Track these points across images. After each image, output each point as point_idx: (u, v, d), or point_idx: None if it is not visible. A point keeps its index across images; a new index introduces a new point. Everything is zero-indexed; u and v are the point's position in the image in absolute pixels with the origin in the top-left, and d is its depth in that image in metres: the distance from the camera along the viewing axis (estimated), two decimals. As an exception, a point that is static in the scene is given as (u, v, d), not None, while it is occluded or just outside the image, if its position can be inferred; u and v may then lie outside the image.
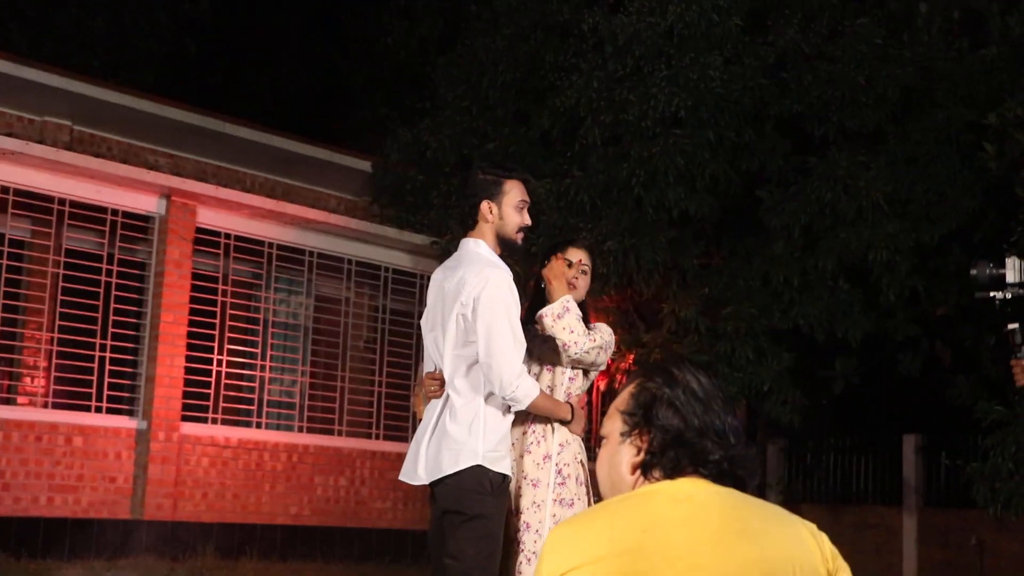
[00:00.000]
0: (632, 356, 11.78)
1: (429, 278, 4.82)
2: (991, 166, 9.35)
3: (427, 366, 4.59)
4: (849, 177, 10.30)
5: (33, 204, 10.59)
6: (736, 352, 10.84)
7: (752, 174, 10.91)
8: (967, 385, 11.20)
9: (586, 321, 4.84)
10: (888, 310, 11.09)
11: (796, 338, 11.27)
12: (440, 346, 4.50)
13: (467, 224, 4.60)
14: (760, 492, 12.95)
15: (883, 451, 14.65)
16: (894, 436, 14.65)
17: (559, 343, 4.70)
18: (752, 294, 10.85)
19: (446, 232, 12.08)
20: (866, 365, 11.85)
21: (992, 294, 4.79)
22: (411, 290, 13.09)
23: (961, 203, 10.33)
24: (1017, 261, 4.81)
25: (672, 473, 2.07)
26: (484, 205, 4.51)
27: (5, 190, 10.33)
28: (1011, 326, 4.84)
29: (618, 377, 12.11)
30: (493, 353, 4.29)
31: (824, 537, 2.04)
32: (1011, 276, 4.76)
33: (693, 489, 2.04)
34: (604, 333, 4.81)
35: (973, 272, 4.82)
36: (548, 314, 4.72)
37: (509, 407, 4.40)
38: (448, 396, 4.45)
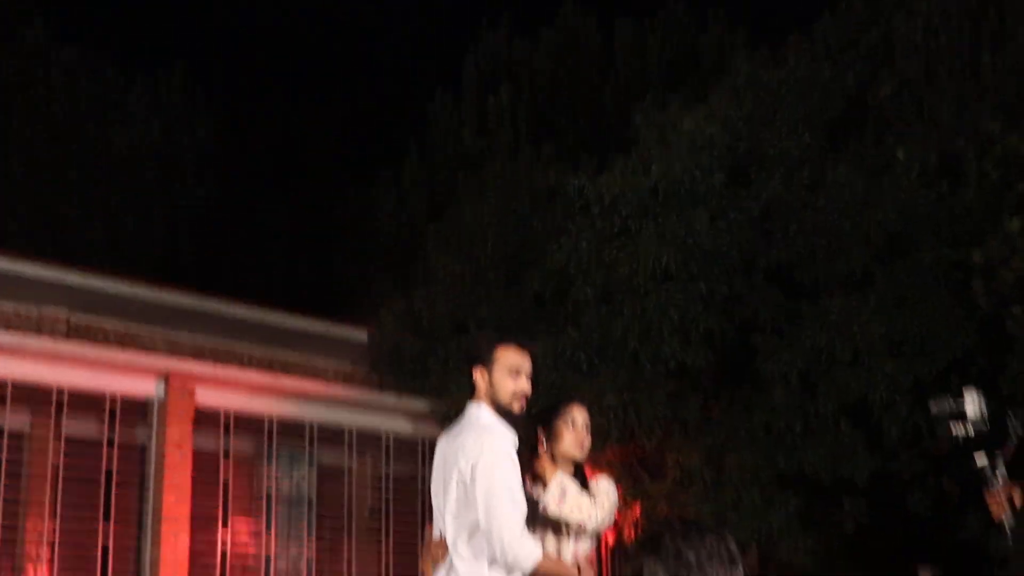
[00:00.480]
0: (639, 506, 11.71)
1: (430, 443, 4.86)
2: (981, 303, 9.44)
3: (436, 530, 4.58)
4: (842, 321, 10.39)
5: (32, 396, 10.61)
6: (743, 499, 10.78)
7: (745, 322, 11.00)
8: (976, 522, 11.12)
9: (583, 478, 4.85)
10: (892, 449, 11.07)
11: (802, 481, 11.22)
12: (443, 512, 4.50)
13: (469, 390, 4.62)
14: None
15: (898, 590, 14.44)
16: (908, 571, 14.47)
17: (575, 526, 4.71)
18: (755, 442, 10.84)
19: (446, 396, 12.10)
20: (875, 503, 11.77)
21: (953, 431, 4.74)
22: (413, 456, 13.04)
23: (955, 340, 10.40)
24: (975, 395, 4.78)
25: None
26: (476, 372, 4.55)
27: (3, 384, 10.36)
28: (979, 461, 4.77)
29: (626, 530, 12.00)
30: (492, 517, 4.29)
31: None
32: (970, 410, 4.72)
33: None
34: (608, 494, 4.81)
35: (934, 410, 4.77)
36: (551, 502, 4.71)
37: (511, 572, 4.36)
38: (452, 562, 4.43)
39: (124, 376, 11.08)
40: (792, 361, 10.57)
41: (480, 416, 4.52)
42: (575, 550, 4.77)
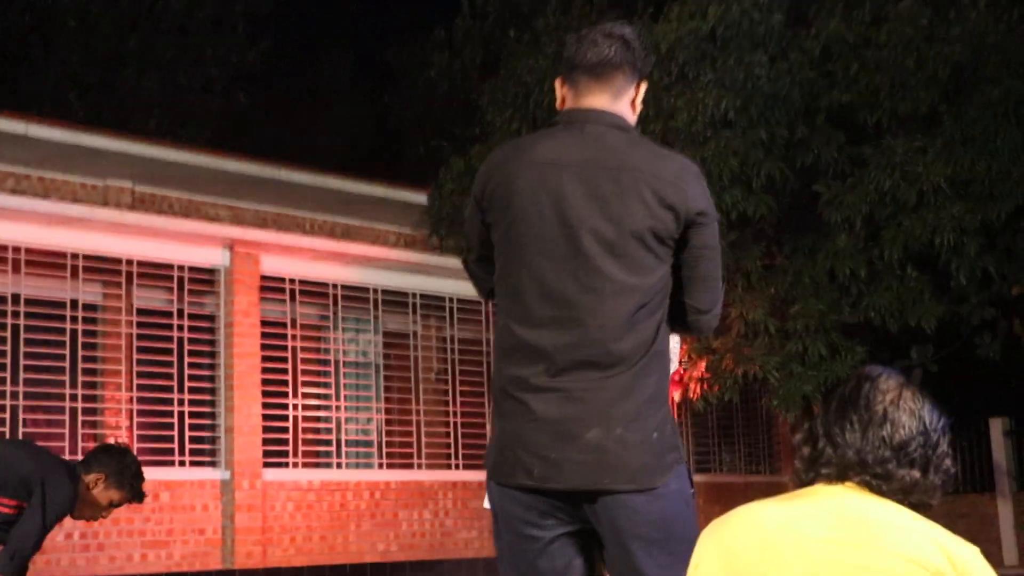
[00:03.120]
0: (703, 363, 11.70)
1: (494, 304, 4.83)
2: (1051, 138, 9.18)
3: None
4: (907, 163, 10.17)
5: (102, 267, 10.78)
6: (808, 350, 10.73)
7: (808, 169, 10.81)
8: (1050, 363, 10.99)
9: None
10: (961, 294, 10.91)
11: (868, 330, 11.13)
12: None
13: None
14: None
15: (970, 438, 14.41)
16: (980, 421, 14.41)
17: None
18: (819, 290, 10.74)
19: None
20: (944, 351, 11.66)
21: None
22: (477, 318, 13.11)
23: (1024, 178, 10.16)
24: None
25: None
26: None
27: (75, 256, 10.53)
28: None
29: (692, 387, 12.00)
30: None
31: (974, 565, 1.94)
32: None
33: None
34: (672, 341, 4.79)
35: None
36: None
37: None
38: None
39: (190, 246, 11.20)
40: (856, 206, 10.39)
41: None
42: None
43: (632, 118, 2.97)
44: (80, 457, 10.38)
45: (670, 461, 2.78)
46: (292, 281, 11.89)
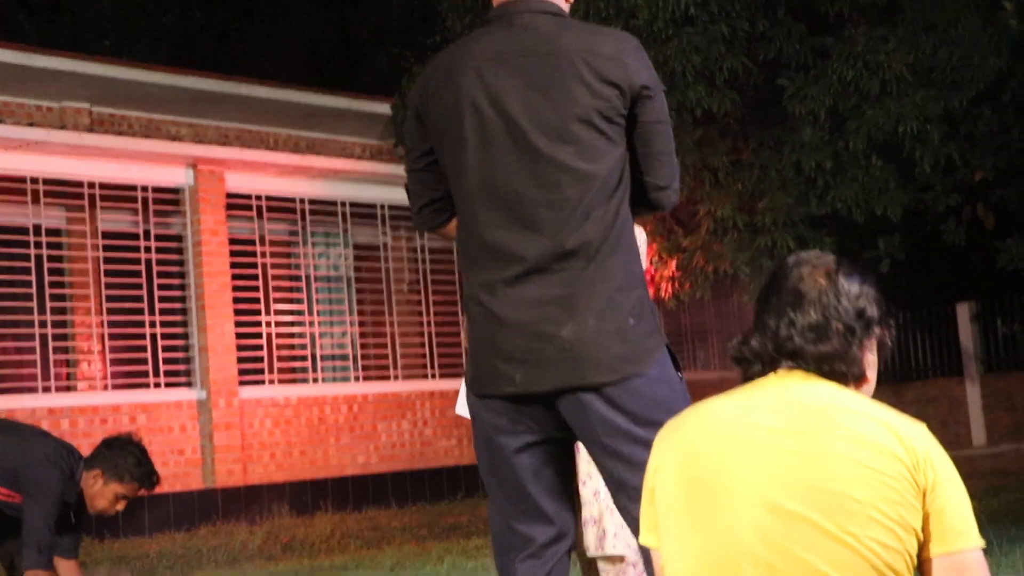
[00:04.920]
0: (674, 262, 11.74)
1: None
2: (1012, 24, 9.14)
3: None
4: (868, 52, 10.13)
5: (64, 191, 10.68)
6: (777, 244, 10.76)
7: (770, 63, 10.76)
8: (1016, 248, 11.08)
9: None
10: (925, 182, 10.96)
11: (836, 222, 11.18)
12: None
13: None
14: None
15: (938, 323, 14.59)
16: (948, 307, 14.57)
17: None
18: (786, 184, 10.75)
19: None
20: (910, 240, 11.74)
21: None
22: (447, 227, 13.08)
23: (986, 64, 10.13)
24: None
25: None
26: None
27: (35, 180, 10.42)
28: None
29: (663, 286, 12.05)
30: None
31: (921, 442, 1.93)
32: None
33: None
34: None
35: None
36: None
37: None
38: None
39: (152, 166, 11.11)
40: (820, 98, 10.36)
41: None
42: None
43: (565, 6, 2.86)
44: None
45: (651, 346, 2.72)
46: (259, 198, 11.83)
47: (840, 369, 2.05)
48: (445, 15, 12.52)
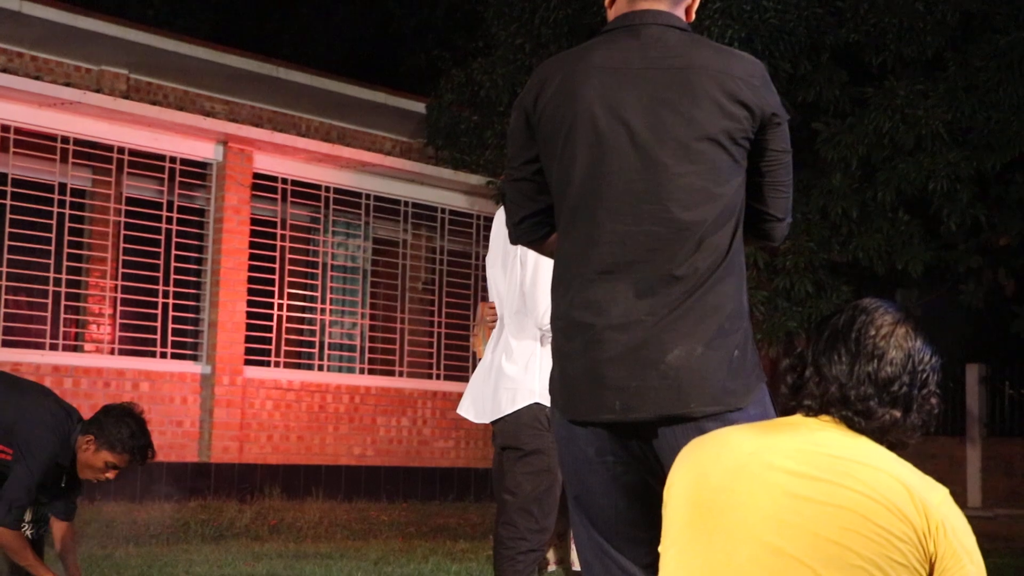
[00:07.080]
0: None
1: (486, 218, 4.84)
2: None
3: (495, 301, 4.63)
4: (907, 106, 10.15)
5: (93, 153, 10.72)
6: (795, 287, 10.78)
7: (808, 105, 10.78)
8: (1030, 316, 11.08)
9: None
10: (949, 240, 10.96)
11: (856, 271, 11.18)
12: (499, 284, 4.52)
13: None
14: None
15: (946, 382, 14.55)
16: (957, 367, 14.55)
17: None
18: (810, 228, 10.77)
19: (501, 172, 12.08)
20: (928, 296, 11.74)
21: None
22: (467, 231, 13.11)
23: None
24: None
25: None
26: None
27: (65, 140, 10.46)
28: None
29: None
30: (537, 283, 4.30)
31: (939, 509, 1.92)
32: None
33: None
34: None
35: None
36: None
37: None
38: (504, 335, 4.47)
39: (183, 138, 11.14)
40: (853, 146, 10.39)
41: None
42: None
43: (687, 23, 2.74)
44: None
45: (752, 382, 2.57)
46: (285, 181, 11.85)
47: (896, 438, 2.05)
48: (490, 22, 12.55)
